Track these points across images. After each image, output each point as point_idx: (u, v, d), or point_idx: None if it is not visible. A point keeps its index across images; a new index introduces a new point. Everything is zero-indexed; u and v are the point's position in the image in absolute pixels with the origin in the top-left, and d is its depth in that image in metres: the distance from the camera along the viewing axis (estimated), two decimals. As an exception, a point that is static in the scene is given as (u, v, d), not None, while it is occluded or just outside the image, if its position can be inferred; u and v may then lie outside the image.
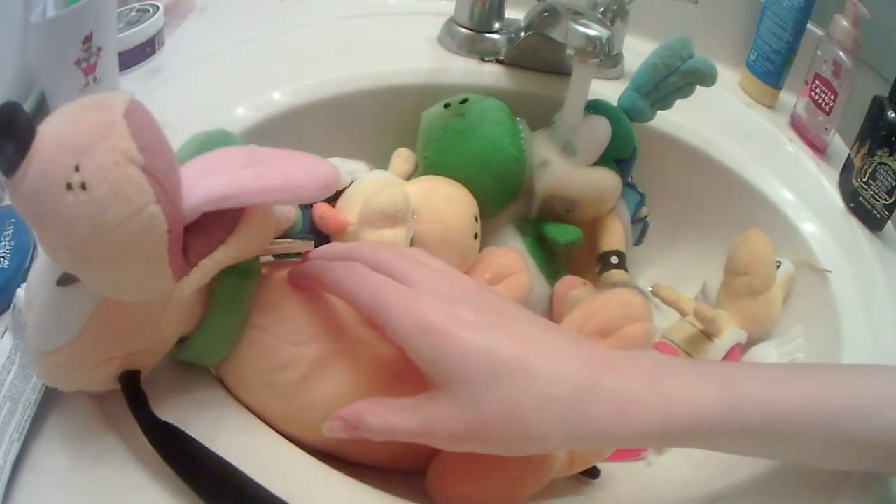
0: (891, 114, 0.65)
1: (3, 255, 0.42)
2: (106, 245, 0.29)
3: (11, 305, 0.39)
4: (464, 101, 0.58)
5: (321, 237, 0.51)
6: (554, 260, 0.59)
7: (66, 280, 0.32)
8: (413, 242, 0.50)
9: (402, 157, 0.58)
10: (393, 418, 0.34)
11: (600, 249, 0.59)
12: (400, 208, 0.48)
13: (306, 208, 0.51)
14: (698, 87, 0.58)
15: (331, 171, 0.34)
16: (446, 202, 0.52)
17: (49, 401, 0.36)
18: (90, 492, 0.34)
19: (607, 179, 0.57)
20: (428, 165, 0.57)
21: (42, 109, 0.53)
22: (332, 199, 0.52)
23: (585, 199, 0.58)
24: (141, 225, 0.29)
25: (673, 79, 0.57)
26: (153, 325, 0.34)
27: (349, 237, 0.50)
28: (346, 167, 0.53)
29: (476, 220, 0.54)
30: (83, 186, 0.28)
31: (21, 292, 0.38)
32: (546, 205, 0.58)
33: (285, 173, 0.33)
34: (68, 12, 0.50)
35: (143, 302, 0.33)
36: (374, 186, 0.51)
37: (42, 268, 0.34)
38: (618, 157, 0.58)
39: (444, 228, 0.51)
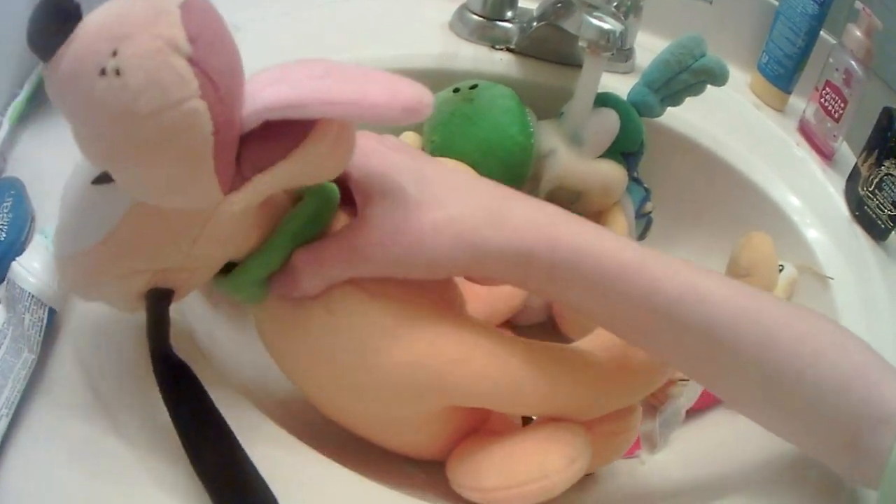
0: (900, 125, 0.65)
1: (0, 227, 0.41)
2: (135, 137, 0.26)
3: (6, 279, 0.38)
4: (473, 86, 0.57)
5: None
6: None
7: (101, 179, 0.30)
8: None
9: (409, 142, 0.58)
10: (319, 252, 0.34)
11: None
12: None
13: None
14: (709, 86, 0.58)
15: (417, 94, 0.30)
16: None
17: (38, 376, 0.36)
18: (77, 470, 0.33)
19: (613, 172, 0.57)
20: (434, 149, 0.57)
21: (41, 92, 0.51)
22: None
23: (591, 191, 0.58)
24: (177, 120, 0.26)
25: (684, 76, 0.57)
26: (192, 240, 0.31)
27: None
28: None
29: None
30: (117, 72, 0.25)
31: (16, 265, 0.37)
32: (551, 195, 0.58)
33: (363, 89, 0.29)
34: None
35: (181, 212, 0.30)
36: None
37: (78, 168, 0.32)
38: (625, 150, 0.58)
39: None
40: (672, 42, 0.57)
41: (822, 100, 0.73)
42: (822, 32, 0.74)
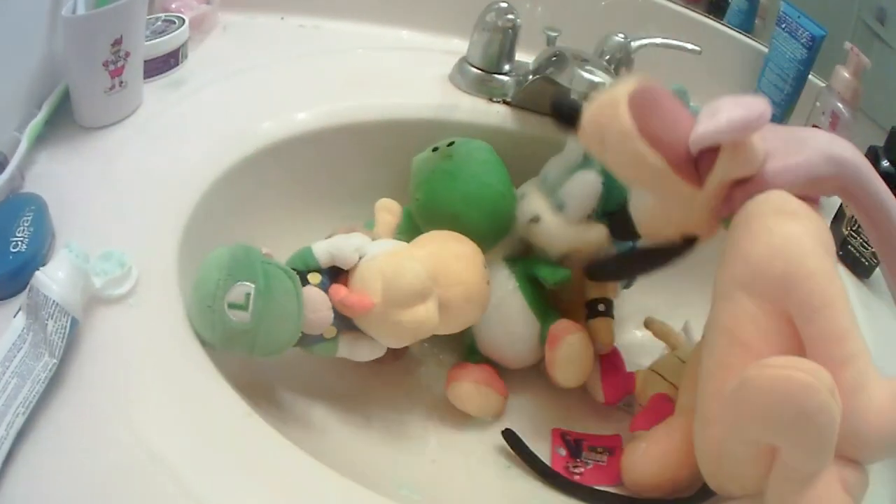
0: (885, 163, 0.67)
1: (20, 239, 0.44)
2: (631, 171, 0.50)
3: (28, 287, 0.41)
4: (450, 143, 0.60)
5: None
6: (544, 299, 0.61)
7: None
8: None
9: (388, 209, 0.58)
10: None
11: (588, 296, 0.61)
12: (427, 284, 0.49)
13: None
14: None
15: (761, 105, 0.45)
16: (459, 262, 0.53)
17: (60, 380, 0.39)
18: (90, 468, 0.36)
19: (600, 236, 0.58)
20: (419, 207, 0.59)
21: (65, 104, 0.54)
22: (339, 278, 0.52)
23: (581, 252, 0.59)
24: (636, 160, 0.48)
25: None
26: (692, 216, 0.50)
27: (375, 318, 0.50)
28: (350, 245, 0.52)
29: (485, 267, 0.55)
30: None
31: (40, 275, 0.40)
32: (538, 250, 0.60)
33: (732, 116, 0.45)
34: (101, 12, 0.51)
35: (681, 204, 0.49)
36: (388, 263, 0.51)
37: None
38: (610, 210, 0.58)
39: (465, 289, 0.52)
40: None
41: (808, 144, 0.75)
42: (812, 76, 0.75)
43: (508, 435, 0.57)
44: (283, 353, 0.49)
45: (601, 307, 0.61)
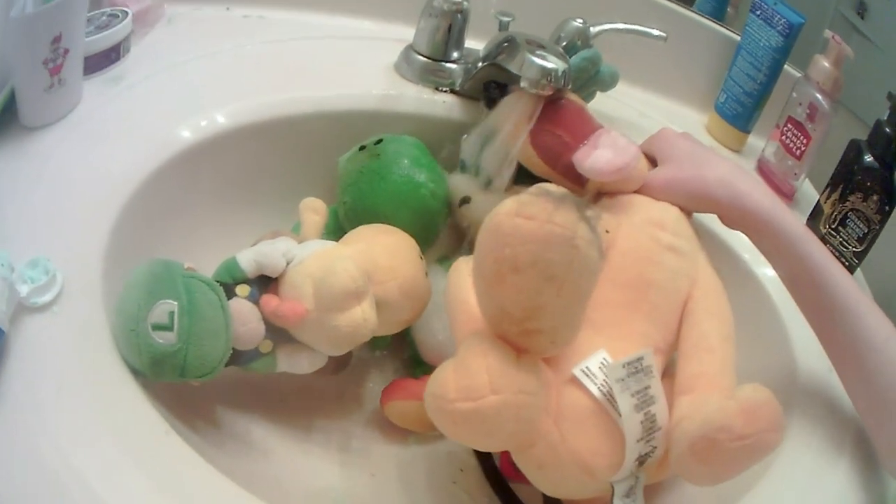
0: (868, 158, 0.64)
1: None
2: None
3: None
4: (378, 141, 0.57)
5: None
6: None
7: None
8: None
9: (313, 209, 0.54)
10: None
11: None
12: (360, 283, 0.47)
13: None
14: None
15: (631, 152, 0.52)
16: (392, 256, 0.51)
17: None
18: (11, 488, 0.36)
19: None
20: (347, 210, 0.57)
21: (11, 106, 0.53)
22: (269, 288, 0.49)
23: None
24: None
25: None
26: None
27: (310, 325, 0.47)
28: (276, 250, 0.49)
29: (421, 258, 0.52)
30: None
31: None
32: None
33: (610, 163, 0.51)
34: (43, 10, 0.50)
35: None
36: (318, 265, 0.48)
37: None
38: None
39: (399, 283, 0.50)
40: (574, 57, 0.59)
41: (783, 137, 0.72)
42: (787, 66, 0.72)
43: None
44: (218, 375, 0.46)
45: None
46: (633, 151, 0.51)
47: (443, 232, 0.58)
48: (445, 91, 0.66)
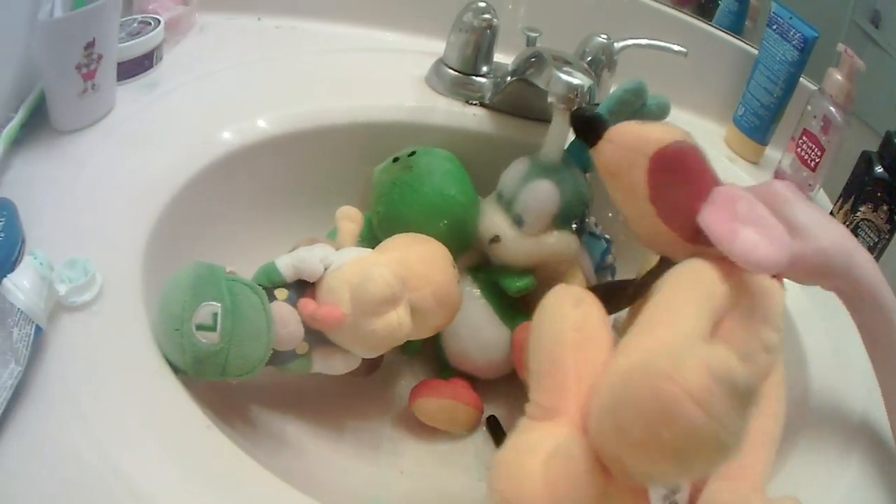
0: (878, 169, 0.65)
1: None
2: None
3: None
4: (412, 153, 0.58)
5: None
6: (510, 303, 0.59)
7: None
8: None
9: (349, 217, 0.55)
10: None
11: None
12: (396, 289, 0.48)
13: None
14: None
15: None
16: (427, 264, 0.52)
17: (22, 388, 0.38)
18: (52, 476, 0.36)
19: (561, 244, 0.57)
20: (381, 220, 0.58)
21: (41, 108, 0.53)
22: (306, 292, 0.50)
23: (544, 265, 0.57)
24: (641, 217, 0.47)
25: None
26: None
27: (346, 329, 0.48)
28: (315, 256, 0.50)
29: (454, 266, 0.54)
30: None
31: (7, 282, 0.40)
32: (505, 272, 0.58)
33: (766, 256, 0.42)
34: (74, 15, 0.51)
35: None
36: (355, 271, 0.49)
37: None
38: (573, 216, 0.57)
39: (434, 290, 0.51)
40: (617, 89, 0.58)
41: (799, 149, 0.73)
42: (803, 79, 0.74)
43: (492, 422, 0.57)
44: (256, 375, 0.47)
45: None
46: (787, 242, 0.42)
47: (473, 243, 0.58)
48: (475, 104, 0.67)
